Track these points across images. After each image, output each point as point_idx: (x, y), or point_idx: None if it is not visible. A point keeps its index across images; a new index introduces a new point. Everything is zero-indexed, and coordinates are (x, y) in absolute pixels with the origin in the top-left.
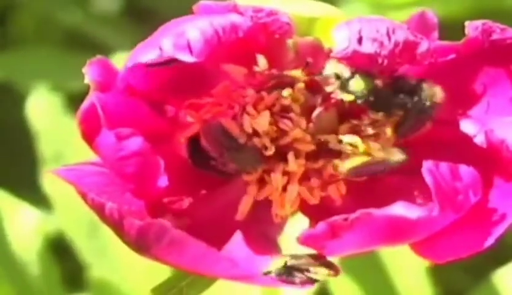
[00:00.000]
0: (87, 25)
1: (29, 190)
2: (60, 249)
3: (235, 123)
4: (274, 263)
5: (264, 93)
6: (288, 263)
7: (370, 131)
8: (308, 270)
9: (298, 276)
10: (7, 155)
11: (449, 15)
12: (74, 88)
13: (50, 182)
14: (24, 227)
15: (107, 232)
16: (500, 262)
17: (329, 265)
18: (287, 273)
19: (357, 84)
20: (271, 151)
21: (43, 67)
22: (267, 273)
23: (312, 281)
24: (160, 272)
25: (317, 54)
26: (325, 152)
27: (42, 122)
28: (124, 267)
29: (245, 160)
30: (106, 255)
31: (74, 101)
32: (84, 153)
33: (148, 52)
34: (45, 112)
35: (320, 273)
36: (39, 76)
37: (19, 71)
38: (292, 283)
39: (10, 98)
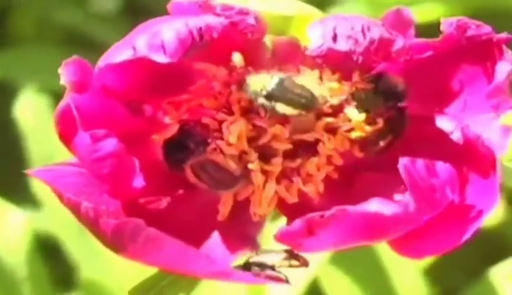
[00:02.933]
0: (86, 24)
1: (20, 190)
2: (51, 250)
3: (213, 122)
4: (243, 259)
5: (242, 92)
6: (256, 259)
7: (346, 128)
8: (277, 265)
9: (268, 272)
10: None
11: (449, 15)
12: None
13: (39, 182)
14: (12, 228)
15: None
16: (495, 260)
17: (299, 258)
18: (256, 269)
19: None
20: (251, 156)
21: (42, 66)
22: (235, 268)
23: (281, 276)
24: (150, 272)
25: (294, 52)
26: (303, 150)
27: (30, 123)
28: (114, 267)
29: (224, 181)
30: (96, 256)
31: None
32: (72, 154)
33: (122, 52)
34: (33, 113)
35: (289, 266)
36: (37, 76)
37: (18, 70)
38: (265, 277)
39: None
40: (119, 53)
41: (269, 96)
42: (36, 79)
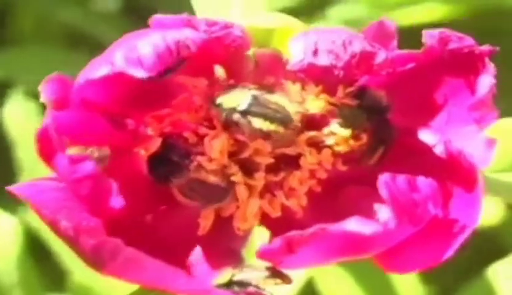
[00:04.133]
0: (87, 24)
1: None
2: (41, 254)
3: (193, 136)
4: (224, 277)
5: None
6: (238, 277)
7: (329, 142)
8: (259, 282)
9: (250, 289)
10: None
11: (449, 16)
12: None
13: None
14: (3, 233)
15: None
16: (494, 260)
17: (282, 276)
18: (238, 286)
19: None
20: (232, 170)
21: (42, 66)
22: (218, 286)
23: (264, 293)
24: None
25: (276, 65)
26: (285, 164)
27: (18, 129)
28: None
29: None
30: None
31: None
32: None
33: (100, 67)
34: (21, 119)
35: (272, 283)
36: (37, 76)
37: (18, 71)
38: None
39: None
40: (97, 68)
41: (245, 112)
42: (36, 79)
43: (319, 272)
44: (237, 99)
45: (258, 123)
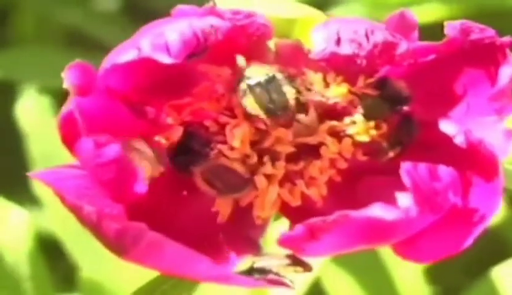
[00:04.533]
0: (87, 24)
1: (22, 189)
2: (53, 249)
3: (215, 125)
4: (245, 264)
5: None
6: (259, 264)
7: (350, 132)
8: (279, 270)
9: (270, 276)
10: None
11: (449, 16)
12: None
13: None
14: (14, 228)
15: None
16: (498, 259)
17: (302, 264)
18: (259, 273)
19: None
20: (253, 159)
21: (43, 66)
22: (238, 273)
23: (286, 282)
24: (151, 273)
25: (297, 55)
26: (306, 153)
27: (31, 123)
28: (115, 268)
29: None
30: (97, 255)
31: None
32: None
33: (126, 52)
34: (34, 114)
35: (292, 271)
36: (38, 76)
37: (18, 71)
38: (268, 282)
39: (8, 97)
40: (123, 53)
41: (250, 87)
42: (37, 79)
43: (325, 272)
44: (258, 72)
45: (249, 102)
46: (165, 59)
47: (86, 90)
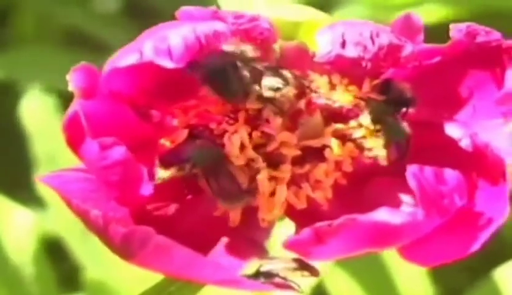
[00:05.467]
0: (87, 25)
1: (26, 190)
2: (57, 249)
3: (219, 129)
4: (251, 267)
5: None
6: (265, 267)
7: (356, 135)
8: (286, 274)
9: (277, 280)
10: (4, 156)
11: (449, 17)
12: None
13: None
14: (19, 228)
15: None
16: (499, 261)
17: (309, 268)
18: (265, 277)
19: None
20: (258, 163)
21: (43, 66)
22: (245, 276)
23: (293, 285)
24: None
25: (302, 58)
26: (311, 156)
27: (35, 124)
28: (119, 268)
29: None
30: (101, 255)
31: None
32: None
33: (128, 56)
34: (38, 114)
35: (299, 275)
36: (38, 76)
37: (19, 71)
38: (274, 285)
39: (9, 98)
40: (125, 57)
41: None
42: (37, 79)
43: (328, 273)
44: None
45: (269, 81)
46: (168, 63)
47: (91, 92)
